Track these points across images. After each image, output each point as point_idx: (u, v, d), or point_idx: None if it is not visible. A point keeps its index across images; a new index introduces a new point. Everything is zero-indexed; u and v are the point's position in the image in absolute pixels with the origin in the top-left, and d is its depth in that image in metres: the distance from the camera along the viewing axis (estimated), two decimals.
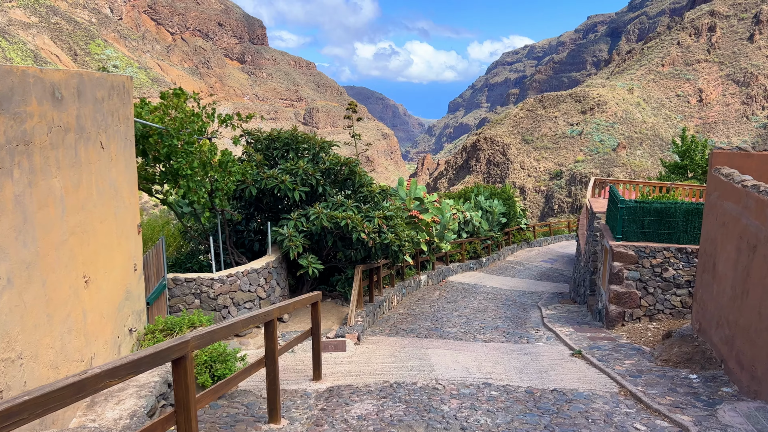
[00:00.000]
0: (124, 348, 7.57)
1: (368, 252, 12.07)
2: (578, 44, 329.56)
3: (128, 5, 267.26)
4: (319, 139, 12.13)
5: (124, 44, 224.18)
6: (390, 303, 15.69)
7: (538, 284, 23.43)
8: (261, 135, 11.98)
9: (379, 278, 14.92)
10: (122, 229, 7.52)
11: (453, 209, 22.63)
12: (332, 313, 12.09)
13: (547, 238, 35.99)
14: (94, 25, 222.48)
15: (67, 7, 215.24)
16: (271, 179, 11.12)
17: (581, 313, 14.96)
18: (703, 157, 33.61)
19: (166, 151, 9.26)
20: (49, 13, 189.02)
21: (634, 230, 11.94)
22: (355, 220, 10.94)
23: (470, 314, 15.39)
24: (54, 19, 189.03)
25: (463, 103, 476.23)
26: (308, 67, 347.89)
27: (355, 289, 11.44)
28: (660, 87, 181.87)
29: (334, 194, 12.12)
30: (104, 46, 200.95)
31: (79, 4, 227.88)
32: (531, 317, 15.04)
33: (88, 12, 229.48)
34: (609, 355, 9.88)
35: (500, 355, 10.24)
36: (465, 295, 19.32)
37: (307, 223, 11.26)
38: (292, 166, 11.40)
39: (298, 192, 11.25)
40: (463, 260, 24.61)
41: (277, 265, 11.13)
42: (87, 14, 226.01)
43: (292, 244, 10.74)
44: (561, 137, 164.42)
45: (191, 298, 10.19)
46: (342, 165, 11.89)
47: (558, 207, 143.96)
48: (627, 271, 12.03)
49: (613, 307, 12.21)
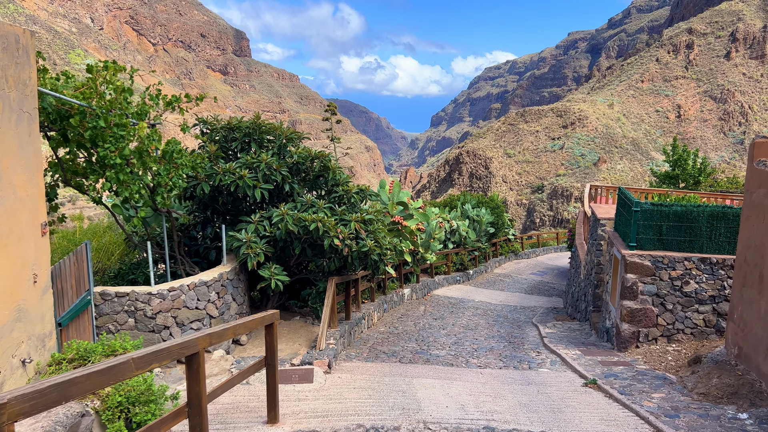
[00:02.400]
0: (8, 385, 5.68)
1: (344, 261, 10.31)
2: (559, 60, 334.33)
3: (109, 15, 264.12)
4: (287, 129, 10.38)
5: (104, 54, 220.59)
6: (370, 320, 13.90)
7: (530, 298, 21.84)
8: (217, 124, 10.19)
9: (358, 292, 13.15)
10: (10, 228, 5.67)
11: (439, 218, 20.99)
12: (300, 333, 10.25)
13: (535, 249, 34.56)
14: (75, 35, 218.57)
15: (47, 17, 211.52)
16: (227, 174, 9.33)
17: (584, 331, 13.34)
18: (695, 167, 32.67)
19: (90, 135, 7.43)
20: (28, 22, 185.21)
21: (650, 237, 10.38)
22: (326, 223, 9.19)
23: (460, 333, 13.67)
24: (33, 27, 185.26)
25: (446, 116, 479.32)
26: (291, 79, 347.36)
27: (327, 305, 9.64)
28: (639, 102, 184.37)
29: (303, 193, 10.36)
30: (84, 56, 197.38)
31: (59, 14, 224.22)
32: (528, 336, 13.37)
33: (68, 21, 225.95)
34: (631, 386, 8.22)
35: (500, 385, 8.51)
36: (453, 310, 17.62)
37: (270, 227, 9.48)
38: (253, 159, 9.62)
39: (260, 190, 9.47)
40: (450, 272, 22.94)
41: (233, 276, 9.30)
42: (67, 23, 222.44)
43: (251, 252, 8.94)
44: (542, 151, 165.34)
45: (124, 317, 8.29)
46: (312, 159, 10.15)
47: (540, 220, 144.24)
48: (642, 284, 10.44)
49: (626, 326, 10.59)
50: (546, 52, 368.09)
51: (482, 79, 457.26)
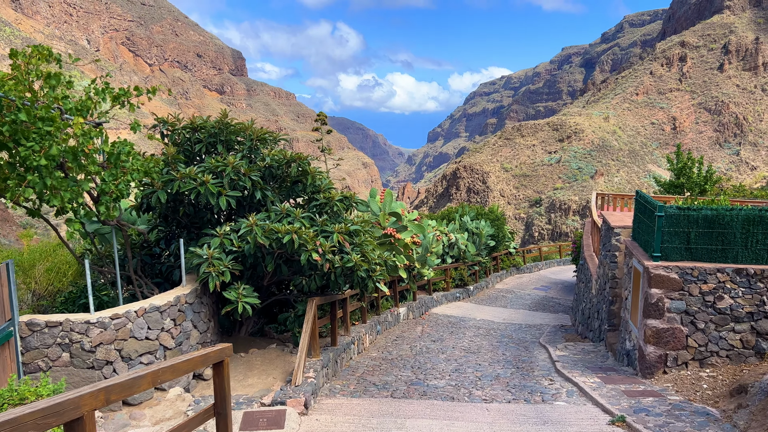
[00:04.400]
0: None
1: (326, 279, 8.95)
2: (553, 74, 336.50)
3: (106, 37, 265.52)
4: (259, 129, 9.08)
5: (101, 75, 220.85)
6: (360, 344, 12.48)
7: (535, 315, 20.43)
8: (178, 123, 8.89)
9: (346, 313, 11.76)
10: None
11: (436, 230, 19.66)
12: (276, 364, 8.84)
13: (537, 263, 33.17)
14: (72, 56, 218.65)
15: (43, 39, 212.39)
16: (187, 181, 8.01)
17: (600, 353, 11.93)
18: (700, 175, 31.50)
19: (9, 131, 6.13)
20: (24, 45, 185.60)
21: (676, 246, 9.06)
22: (303, 235, 7.85)
23: (461, 357, 12.25)
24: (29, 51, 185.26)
25: (443, 132, 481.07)
26: (288, 97, 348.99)
27: (306, 331, 8.25)
28: (635, 115, 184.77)
29: (278, 202, 9.02)
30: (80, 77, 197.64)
31: (55, 36, 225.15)
32: (537, 360, 11.95)
33: (64, 43, 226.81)
34: (668, 425, 6.82)
35: (511, 426, 7.09)
36: (453, 330, 16.21)
37: (238, 241, 8.13)
38: (218, 163, 8.31)
39: (225, 198, 8.14)
40: (449, 289, 21.55)
41: (193, 299, 7.92)
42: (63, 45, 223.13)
43: (213, 270, 7.58)
44: (539, 165, 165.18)
45: (57, 352, 6.89)
46: (289, 162, 8.84)
47: (538, 234, 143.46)
48: (669, 300, 9.09)
49: (651, 349, 9.21)
50: (540, 67, 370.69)
51: (478, 95, 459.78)
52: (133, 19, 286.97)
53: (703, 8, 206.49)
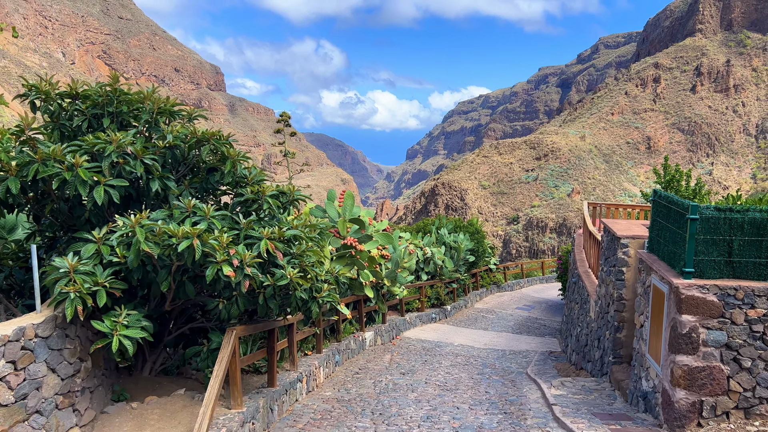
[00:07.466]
0: None
1: (254, 302, 6.59)
2: (530, 94, 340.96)
3: (81, 50, 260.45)
4: (161, 98, 6.73)
5: None
6: (312, 380, 10.07)
7: (519, 339, 18.25)
8: (52, 89, 6.48)
9: (292, 343, 9.37)
10: None
11: (410, 243, 17.41)
12: (179, 418, 6.37)
13: (519, 280, 31.14)
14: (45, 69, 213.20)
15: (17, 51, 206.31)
16: (50, 163, 5.62)
17: (604, 393, 9.72)
18: (689, 188, 30.00)
19: None
20: None
21: (714, 259, 6.95)
22: (209, 241, 5.51)
23: (435, 397, 9.92)
24: (2, 63, 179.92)
25: (421, 150, 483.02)
26: (266, 113, 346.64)
27: (218, 374, 5.86)
28: (610, 134, 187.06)
29: (188, 196, 6.66)
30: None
31: (30, 48, 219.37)
32: (529, 401, 9.68)
33: (39, 56, 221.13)
34: None
35: None
36: (426, 359, 13.90)
37: (123, 249, 5.74)
38: (97, 140, 5.94)
39: (104, 188, 5.76)
40: (423, 309, 19.25)
41: (50, 332, 5.46)
42: (38, 58, 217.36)
43: (72, 290, 5.17)
44: (517, 183, 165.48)
45: None
46: (200, 142, 6.49)
47: (516, 251, 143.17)
48: (705, 330, 6.95)
49: (682, 394, 7.03)
50: (518, 87, 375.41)
51: (456, 113, 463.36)
52: (110, 32, 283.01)
53: (675, 31, 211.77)
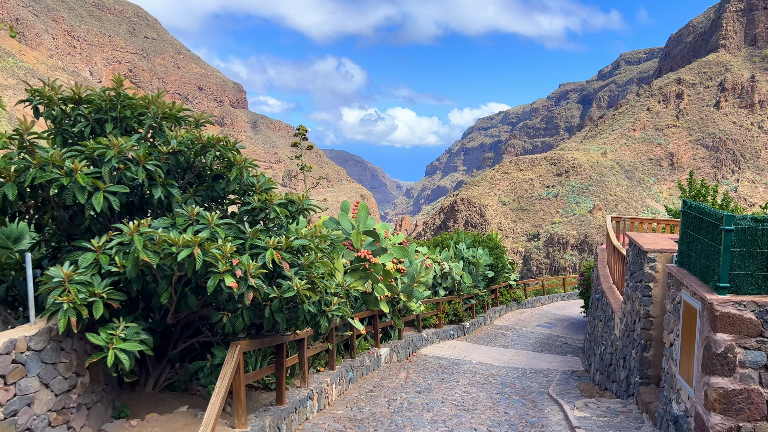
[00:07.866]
0: None
1: (260, 315, 6.32)
2: (551, 110, 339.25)
3: (108, 69, 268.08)
4: (166, 103, 6.57)
5: None
6: (323, 398, 9.72)
7: (540, 357, 17.65)
8: (56, 94, 6.37)
9: (303, 358, 9.06)
10: None
11: (427, 258, 17.05)
12: None
13: (540, 297, 30.41)
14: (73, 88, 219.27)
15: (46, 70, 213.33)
16: (48, 169, 5.47)
17: (631, 416, 9.18)
18: (715, 203, 29.10)
19: None
20: (27, 75, 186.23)
21: (752, 274, 6.48)
22: (211, 250, 5.27)
23: (451, 418, 9.48)
24: (32, 81, 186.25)
25: (440, 166, 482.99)
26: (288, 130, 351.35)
27: (220, 391, 5.58)
28: (632, 151, 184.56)
29: (192, 203, 6.46)
30: None
31: (58, 67, 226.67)
32: (551, 424, 9.18)
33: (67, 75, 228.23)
34: None
35: None
36: (444, 376, 13.43)
37: (121, 258, 5.54)
38: (98, 145, 5.78)
39: (104, 195, 5.58)
40: (441, 325, 18.78)
41: (44, 344, 5.25)
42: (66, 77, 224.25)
43: (66, 301, 4.96)
44: (537, 199, 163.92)
45: None
46: (205, 148, 6.29)
47: (536, 268, 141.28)
48: (742, 350, 6.45)
49: (717, 419, 6.51)
50: (538, 103, 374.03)
51: (476, 130, 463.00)
52: (135, 51, 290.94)
53: (698, 46, 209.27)
